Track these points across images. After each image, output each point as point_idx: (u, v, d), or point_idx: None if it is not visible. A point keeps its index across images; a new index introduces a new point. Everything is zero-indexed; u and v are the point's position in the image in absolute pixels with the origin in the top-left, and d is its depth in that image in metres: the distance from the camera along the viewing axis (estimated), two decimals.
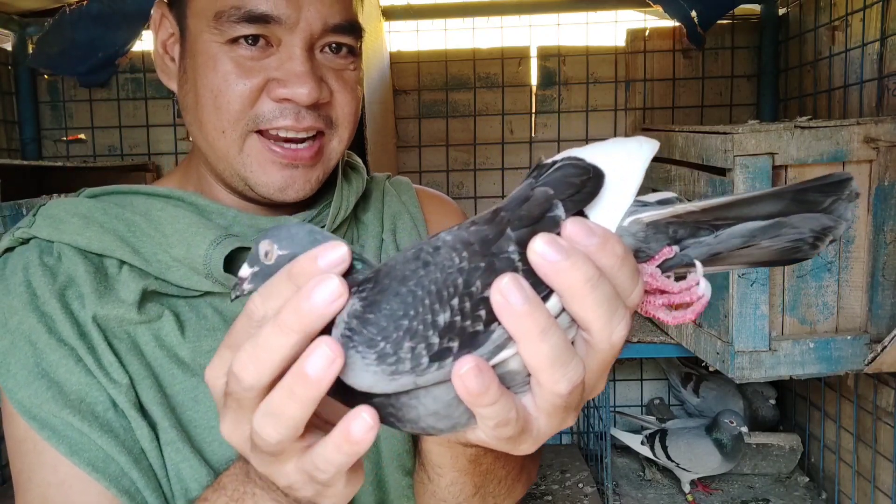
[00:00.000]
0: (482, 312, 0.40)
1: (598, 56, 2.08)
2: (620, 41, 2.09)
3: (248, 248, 0.76)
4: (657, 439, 1.85)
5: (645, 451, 1.88)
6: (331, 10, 0.74)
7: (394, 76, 2.09)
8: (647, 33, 2.08)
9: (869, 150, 1.30)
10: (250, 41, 0.72)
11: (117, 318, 0.72)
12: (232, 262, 0.74)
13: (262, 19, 0.71)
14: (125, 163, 2.03)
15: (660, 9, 1.91)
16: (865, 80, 1.61)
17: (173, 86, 0.80)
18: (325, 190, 0.84)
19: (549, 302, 0.41)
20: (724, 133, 1.33)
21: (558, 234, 0.40)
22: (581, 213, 0.42)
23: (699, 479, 1.87)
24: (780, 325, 1.36)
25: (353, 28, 0.77)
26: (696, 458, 1.79)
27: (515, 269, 0.40)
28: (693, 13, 1.92)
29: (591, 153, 0.44)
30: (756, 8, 2.04)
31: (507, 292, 0.39)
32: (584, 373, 0.41)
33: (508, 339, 0.40)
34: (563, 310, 0.41)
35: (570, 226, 0.40)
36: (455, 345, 0.40)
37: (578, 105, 2.10)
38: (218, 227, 0.76)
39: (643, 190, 0.44)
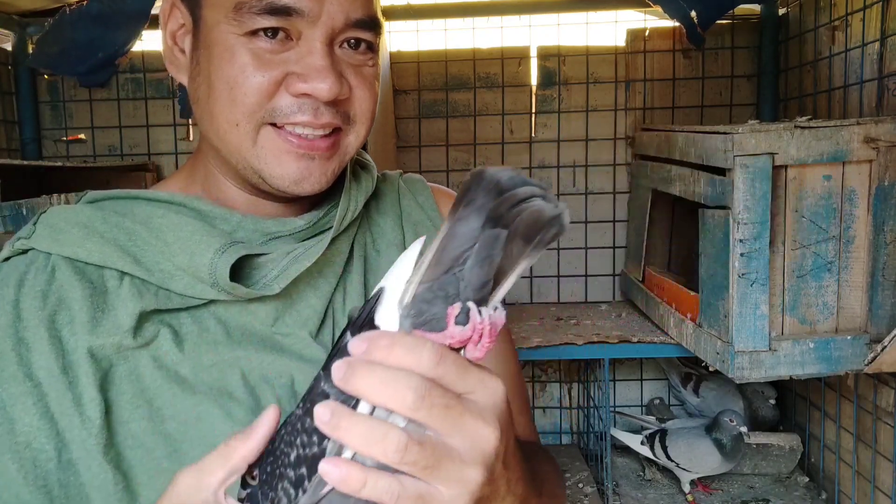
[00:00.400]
0: (315, 438, 0.50)
1: (598, 56, 2.08)
2: (620, 41, 2.09)
3: (255, 255, 0.74)
4: (657, 439, 1.85)
5: (645, 451, 1.88)
6: (353, 5, 0.72)
7: (394, 76, 2.09)
8: (647, 33, 2.08)
9: (869, 150, 1.30)
10: (269, 34, 0.71)
11: (114, 345, 0.70)
12: (238, 270, 0.72)
13: (284, 11, 0.69)
14: (125, 163, 2.03)
15: (659, 9, 1.92)
16: (865, 80, 1.61)
17: (183, 78, 0.78)
18: (332, 190, 0.81)
19: (360, 406, 0.49)
20: (724, 133, 1.33)
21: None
22: (374, 326, 0.51)
23: (699, 479, 1.87)
24: (780, 325, 1.36)
25: (374, 23, 0.74)
26: (696, 458, 1.79)
27: (328, 395, 0.50)
28: (693, 13, 1.92)
29: (385, 278, 0.52)
30: (756, 8, 2.04)
31: (318, 414, 0.48)
32: (403, 436, 0.47)
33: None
34: (374, 407, 0.49)
35: (348, 346, 0.49)
36: (304, 470, 0.50)
37: (578, 105, 2.10)
38: (222, 234, 0.73)
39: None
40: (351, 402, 0.49)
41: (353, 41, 0.74)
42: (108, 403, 0.69)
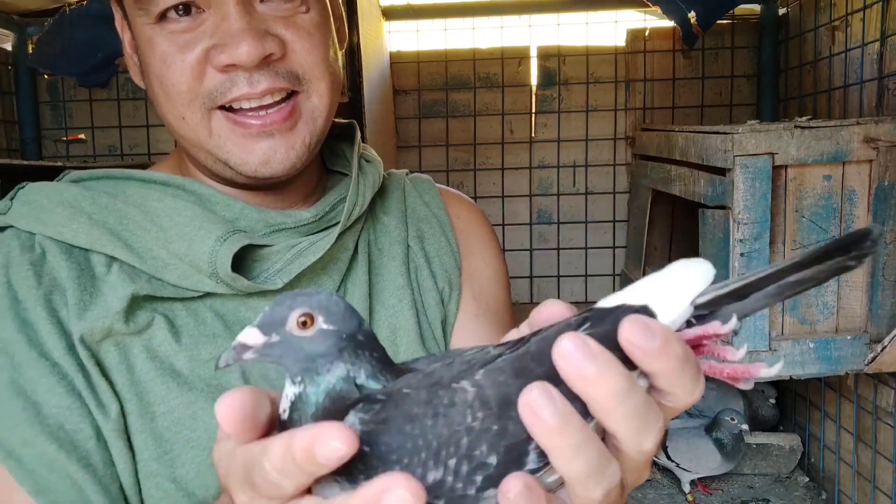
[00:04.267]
0: (478, 478, 0.38)
1: (598, 56, 2.08)
2: (620, 41, 2.09)
3: (258, 246, 0.69)
4: None
5: None
6: None
7: (394, 76, 2.09)
8: (647, 33, 2.08)
9: (869, 150, 1.30)
10: (181, 11, 0.64)
11: (103, 329, 0.63)
12: (238, 261, 0.67)
13: None
14: (125, 163, 2.03)
15: (659, 9, 1.92)
16: (865, 80, 1.61)
17: (142, 84, 0.73)
18: (337, 182, 0.77)
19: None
20: (724, 133, 1.33)
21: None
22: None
23: (699, 479, 1.87)
24: (780, 325, 1.36)
25: None
26: (696, 458, 1.79)
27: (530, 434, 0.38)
28: (692, 14, 1.92)
29: (645, 292, 0.41)
30: (756, 8, 2.04)
31: (536, 407, 0.36)
32: (619, 476, 0.39)
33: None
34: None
35: (629, 324, 0.37)
36: (440, 503, 0.38)
37: (578, 105, 2.10)
38: (223, 221, 0.68)
39: None
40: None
41: None
42: None
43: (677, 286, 0.42)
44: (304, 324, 0.41)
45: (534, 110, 2.11)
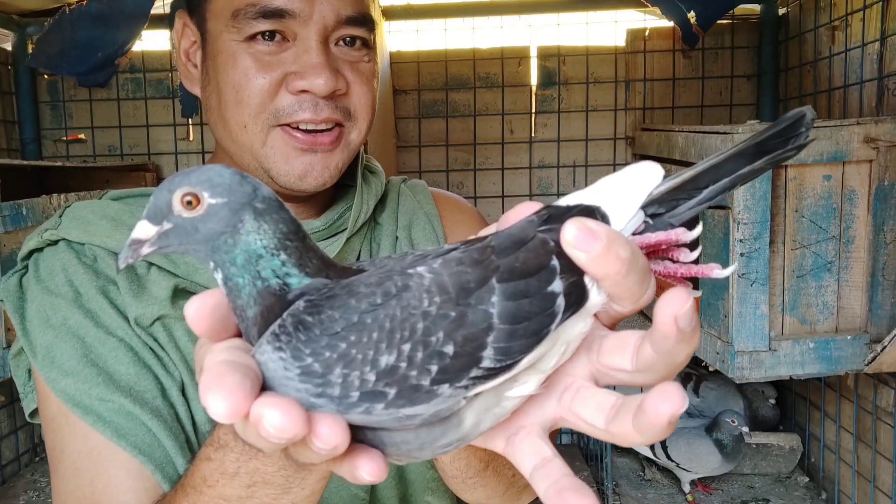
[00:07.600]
0: (433, 367, 0.36)
1: (598, 56, 2.08)
2: (620, 41, 2.09)
3: None
4: None
5: (645, 451, 1.88)
6: (343, 3, 0.76)
7: (394, 76, 2.09)
8: (647, 33, 2.08)
9: (869, 150, 1.30)
10: (267, 37, 0.75)
11: (152, 315, 0.75)
12: None
13: (277, 14, 0.74)
14: (125, 163, 2.03)
15: (658, 10, 1.92)
16: (865, 80, 1.61)
17: (197, 90, 0.84)
18: (343, 194, 0.87)
19: (540, 349, 0.39)
20: (724, 133, 1.33)
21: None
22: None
23: (699, 479, 1.87)
24: (780, 325, 1.36)
25: (366, 20, 0.78)
26: (696, 458, 1.79)
27: (490, 325, 0.37)
28: (691, 14, 1.92)
29: (600, 193, 0.43)
30: (756, 8, 2.04)
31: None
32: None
33: (457, 402, 0.38)
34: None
35: (571, 227, 0.38)
36: (392, 392, 0.36)
37: (578, 105, 2.10)
38: None
39: None
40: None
41: (347, 39, 0.78)
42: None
43: (631, 188, 0.42)
44: (189, 203, 0.39)
45: (534, 110, 2.11)
